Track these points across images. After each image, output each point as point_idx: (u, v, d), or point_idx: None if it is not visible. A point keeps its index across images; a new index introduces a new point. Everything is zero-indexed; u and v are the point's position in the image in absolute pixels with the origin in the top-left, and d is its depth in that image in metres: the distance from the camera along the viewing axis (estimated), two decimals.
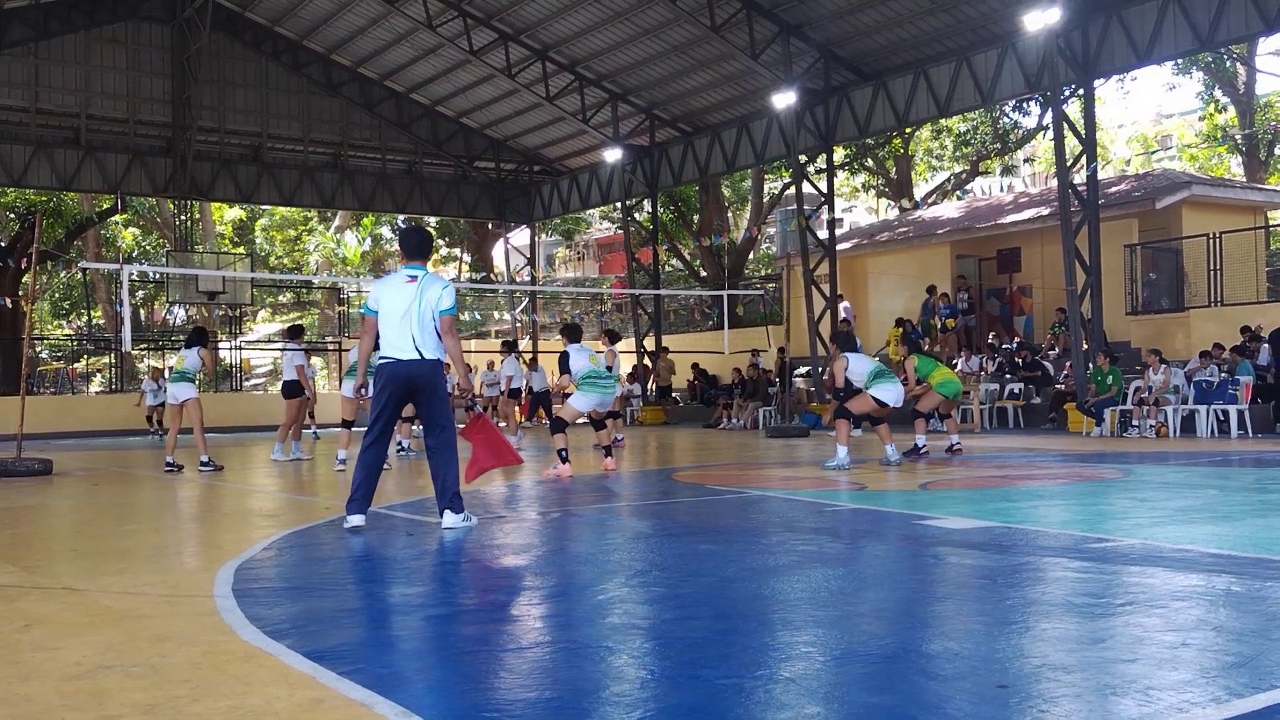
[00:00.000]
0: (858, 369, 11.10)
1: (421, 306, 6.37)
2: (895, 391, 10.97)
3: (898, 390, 11.02)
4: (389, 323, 6.44)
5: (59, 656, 3.51)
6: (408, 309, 6.38)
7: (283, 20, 27.35)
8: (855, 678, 3.13)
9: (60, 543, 6.73)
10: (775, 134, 23.91)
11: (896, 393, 10.98)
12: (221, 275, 26.68)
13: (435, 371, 6.47)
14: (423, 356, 6.39)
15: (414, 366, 6.40)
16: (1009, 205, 26.48)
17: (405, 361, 6.40)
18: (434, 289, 6.44)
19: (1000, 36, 19.61)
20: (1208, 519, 6.49)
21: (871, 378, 10.99)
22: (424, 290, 6.41)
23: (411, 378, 6.43)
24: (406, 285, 6.44)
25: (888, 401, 10.91)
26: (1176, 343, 19.26)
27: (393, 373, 6.44)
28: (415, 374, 6.42)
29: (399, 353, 6.41)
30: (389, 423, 6.57)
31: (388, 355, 6.44)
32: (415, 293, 6.39)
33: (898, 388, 11.04)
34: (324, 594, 4.70)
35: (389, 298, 6.46)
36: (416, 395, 6.53)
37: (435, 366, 6.47)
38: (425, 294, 6.40)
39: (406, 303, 6.39)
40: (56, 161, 25.93)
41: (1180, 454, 12.19)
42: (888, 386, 10.94)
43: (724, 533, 6.34)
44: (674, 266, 38.91)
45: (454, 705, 2.96)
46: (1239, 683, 2.97)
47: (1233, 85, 31.46)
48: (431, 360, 6.43)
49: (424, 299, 6.38)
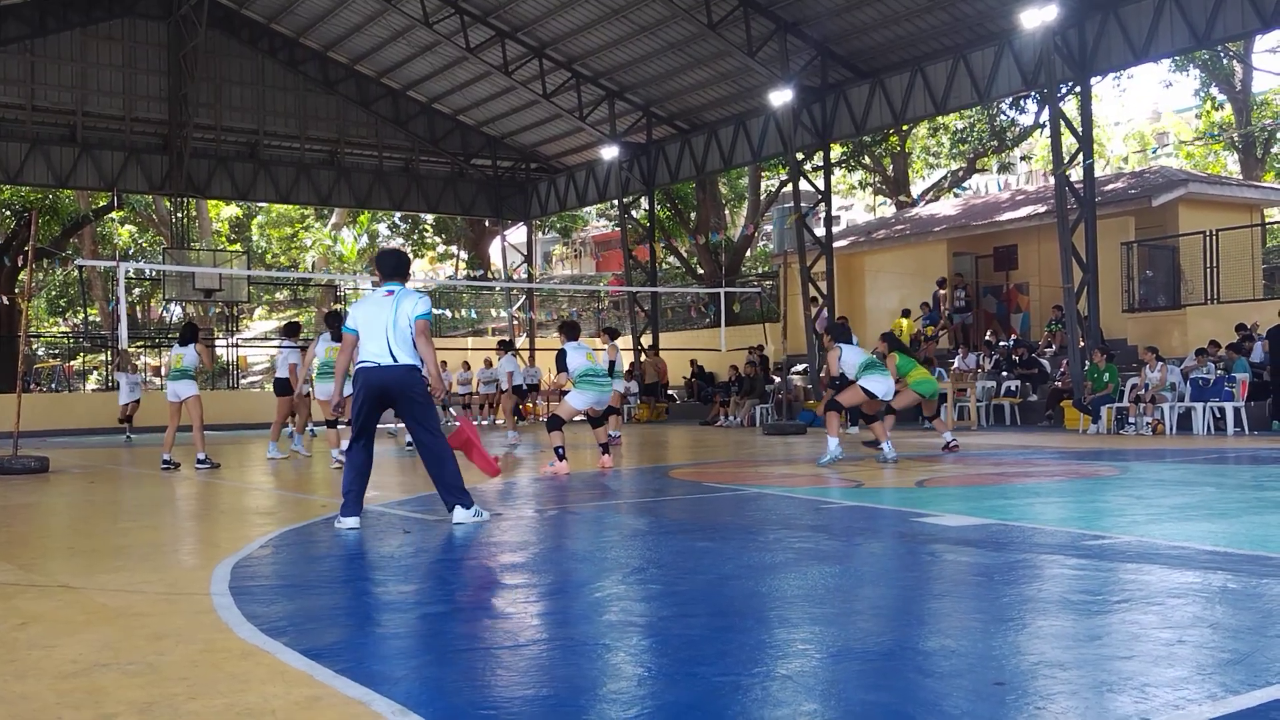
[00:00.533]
0: (850, 360, 11.17)
1: (397, 315, 6.58)
2: (885, 384, 11.05)
3: (888, 383, 11.10)
4: (367, 333, 6.63)
5: (55, 654, 3.51)
6: (384, 319, 6.58)
7: (279, 17, 27.32)
8: (852, 675, 3.13)
9: (57, 540, 6.73)
10: (772, 131, 23.91)
11: (886, 385, 11.06)
12: (218, 273, 26.63)
13: (410, 377, 6.60)
14: (396, 361, 6.54)
15: (387, 372, 6.55)
16: (1006, 203, 26.49)
17: (379, 367, 6.56)
18: (409, 299, 6.67)
19: (997, 34, 19.62)
20: (1204, 516, 6.50)
21: (862, 369, 11.06)
22: (399, 302, 6.64)
23: (385, 384, 6.57)
24: (384, 299, 6.69)
25: (877, 393, 11.00)
26: (1173, 340, 19.27)
27: (366, 379, 6.60)
28: (388, 379, 6.56)
29: (374, 358, 6.58)
30: (366, 425, 6.69)
31: (364, 360, 6.63)
32: (392, 304, 6.63)
33: (888, 380, 11.12)
34: (321, 592, 4.70)
35: (367, 313, 6.68)
36: (394, 402, 6.66)
37: (410, 371, 6.59)
38: (401, 305, 6.62)
39: (383, 314, 6.60)
40: (53, 159, 25.88)
41: (1176, 451, 12.21)
42: (877, 378, 11.02)
43: (721, 530, 6.35)
44: (671, 264, 38.91)
45: (451, 702, 2.96)
46: (1235, 680, 2.97)
47: (1229, 83, 31.47)
48: (405, 365, 6.57)
49: (400, 309, 6.61)
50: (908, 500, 7.80)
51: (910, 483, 9.09)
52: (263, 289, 44.87)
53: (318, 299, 44.72)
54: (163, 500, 9.21)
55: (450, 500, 6.67)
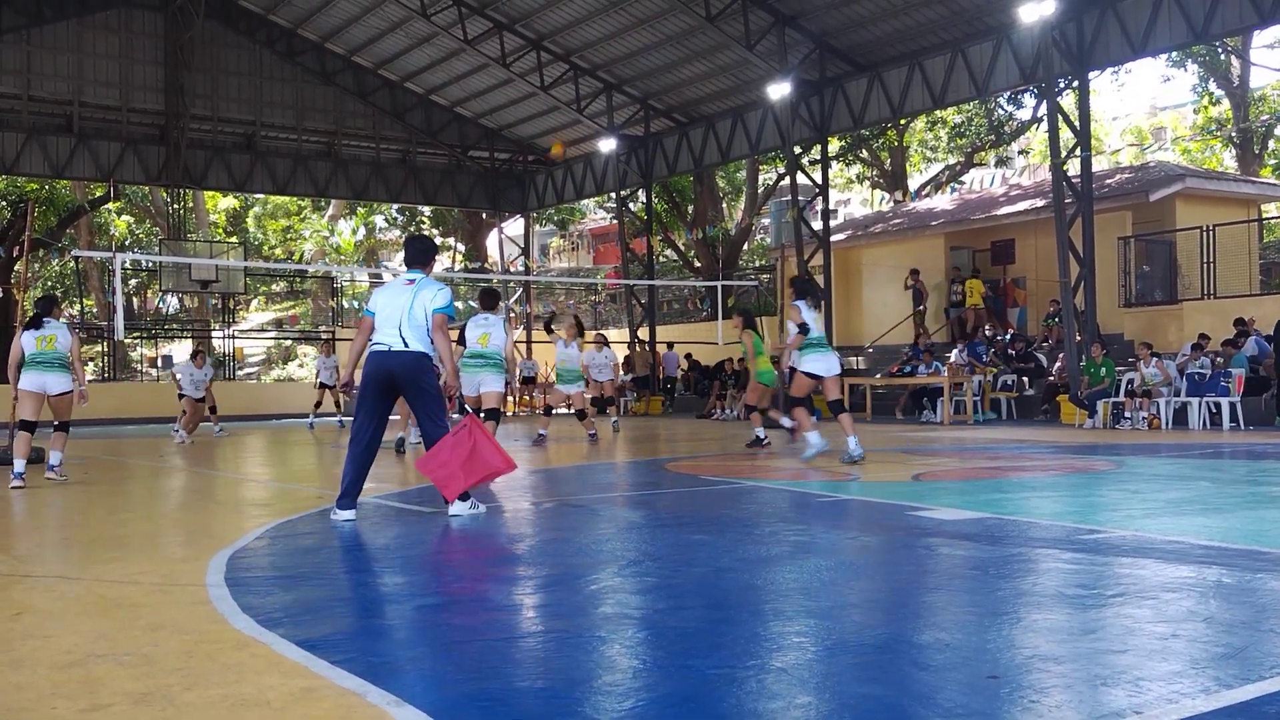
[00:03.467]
0: (811, 320, 10.18)
1: (415, 304, 6.55)
2: (825, 363, 10.09)
3: (828, 361, 10.13)
4: (382, 318, 6.60)
5: (50, 645, 3.51)
6: (401, 306, 6.55)
7: (277, 8, 27.26)
8: (847, 668, 3.14)
9: (52, 531, 6.72)
10: (770, 125, 23.89)
11: (826, 363, 10.12)
12: (215, 264, 26.59)
13: (418, 363, 6.55)
14: (407, 347, 6.50)
15: (395, 357, 6.51)
16: (1003, 197, 26.49)
17: (388, 352, 6.52)
18: (429, 290, 6.63)
19: (995, 28, 19.60)
20: (1199, 511, 6.51)
21: (804, 346, 10.14)
22: (419, 291, 6.61)
23: (391, 369, 6.53)
24: (405, 287, 6.65)
25: (819, 373, 10.11)
26: (1169, 335, 19.30)
27: (374, 363, 6.58)
28: (395, 364, 6.51)
29: (384, 343, 6.55)
30: (371, 414, 6.62)
31: (375, 344, 6.60)
32: (412, 292, 6.60)
33: (829, 358, 10.15)
34: (316, 583, 4.70)
35: (386, 298, 6.66)
36: (401, 388, 6.63)
37: (419, 358, 6.55)
38: (420, 294, 6.59)
39: (401, 301, 6.57)
40: (49, 149, 25.83)
41: (1172, 446, 12.23)
42: (814, 357, 10.08)
43: (716, 523, 6.35)
44: (668, 257, 38.86)
45: (446, 694, 2.96)
46: (1229, 674, 2.98)
47: (1227, 78, 31.47)
48: (415, 352, 6.53)
49: (418, 298, 6.57)
50: (903, 494, 7.81)
51: (906, 476, 9.10)
52: (259, 280, 44.82)
53: (315, 291, 44.67)
54: (158, 491, 9.20)
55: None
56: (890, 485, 8.51)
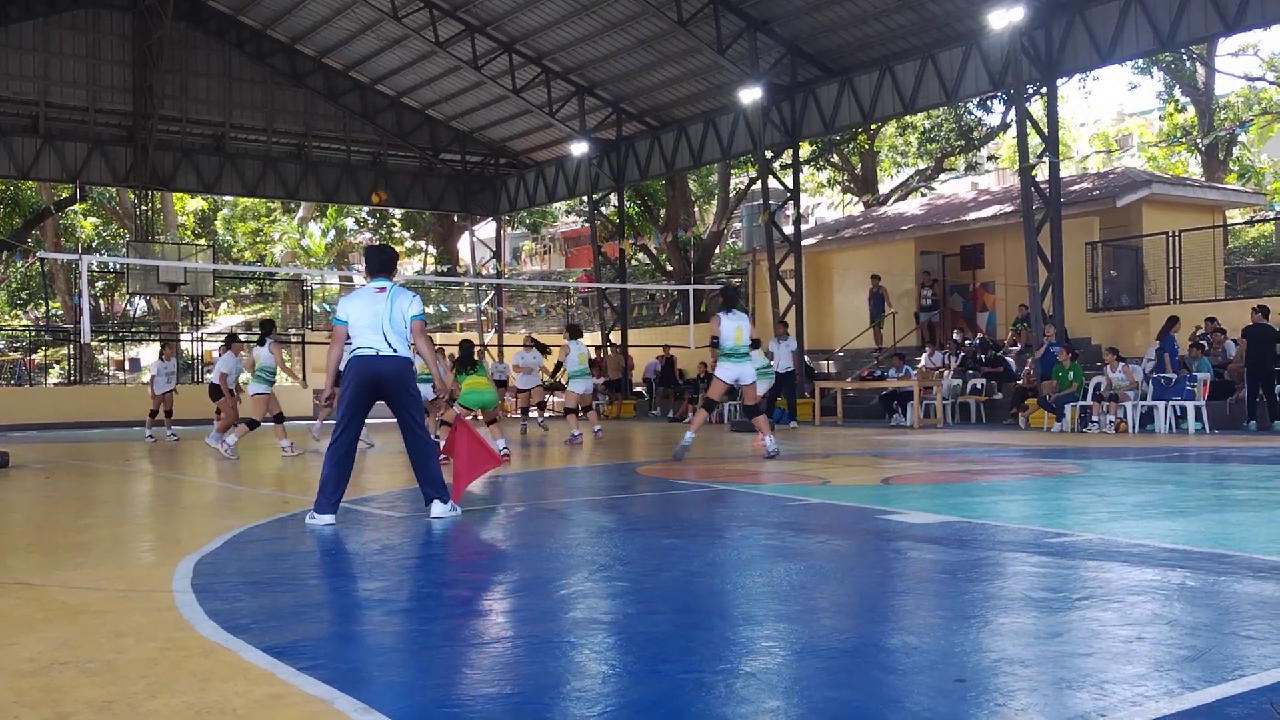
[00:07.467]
0: (726, 330, 11.05)
1: (393, 311, 6.59)
2: (735, 371, 11.07)
3: (740, 369, 11.09)
4: (360, 326, 6.61)
5: (12, 653, 3.47)
6: (380, 313, 6.58)
7: (247, 9, 27.08)
8: (815, 672, 3.15)
9: (15, 537, 6.64)
10: (741, 129, 23.96)
11: (737, 371, 11.07)
12: (183, 266, 26.34)
13: (404, 368, 6.63)
14: (395, 352, 6.57)
15: (383, 362, 6.55)
16: (972, 202, 26.68)
17: (376, 357, 6.55)
18: (404, 297, 6.70)
19: (965, 35, 19.75)
20: (1164, 514, 6.58)
21: (721, 353, 11.08)
22: (394, 299, 6.65)
23: (380, 374, 6.57)
24: (377, 295, 6.67)
25: (726, 379, 11.12)
26: (1136, 339, 19.48)
27: (360, 367, 6.57)
28: (383, 370, 6.56)
29: (370, 347, 6.56)
30: (354, 417, 6.61)
31: (359, 349, 6.59)
32: (386, 300, 6.64)
33: (740, 367, 11.09)
34: (284, 589, 4.66)
35: (359, 308, 6.65)
36: (386, 394, 6.64)
37: (405, 364, 6.63)
38: (395, 302, 6.64)
39: (380, 308, 6.60)
40: (14, 150, 25.56)
41: (1139, 450, 12.34)
42: (728, 365, 11.04)
43: (687, 527, 6.36)
44: (640, 261, 38.90)
45: (415, 701, 2.95)
46: (1192, 676, 3.01)
47: (1192, 85, 31.83)
48: (402, 357, 6.61)
49: (395, 305, 6.62)
50: (873, 497, 7.84)
51: (876, 480, 9.14)
52: (228, 283, 44.49)
53: (284, 294, 44.38)
54: (124, 496, 9.11)
55: (430, 494, 6.69)
56: (860, 489, 8.55)
